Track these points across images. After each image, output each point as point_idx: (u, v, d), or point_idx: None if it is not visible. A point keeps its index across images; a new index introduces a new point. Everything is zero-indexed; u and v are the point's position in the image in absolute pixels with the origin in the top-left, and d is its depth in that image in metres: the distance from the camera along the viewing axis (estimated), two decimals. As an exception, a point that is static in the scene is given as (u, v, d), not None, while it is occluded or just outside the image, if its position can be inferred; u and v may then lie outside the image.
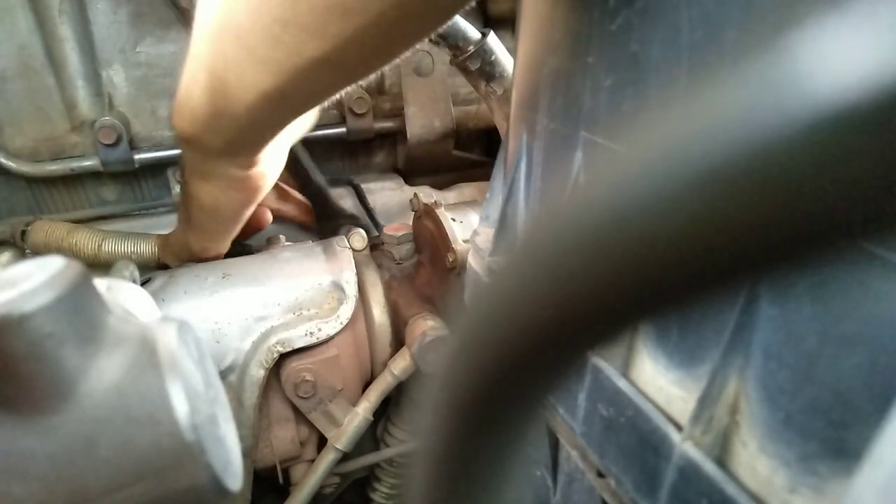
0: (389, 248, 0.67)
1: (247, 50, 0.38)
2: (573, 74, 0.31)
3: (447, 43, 0.57)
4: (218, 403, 0.35)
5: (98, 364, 0.30)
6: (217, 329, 0.55)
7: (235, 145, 0.48)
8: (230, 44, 0.39)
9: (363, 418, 0.60)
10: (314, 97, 0.44)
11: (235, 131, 0.45)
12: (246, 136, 0.47)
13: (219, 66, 0.41)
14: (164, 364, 0.31)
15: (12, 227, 0.68)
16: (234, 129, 0.45)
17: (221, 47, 0.40)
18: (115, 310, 0.32)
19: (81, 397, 0.29)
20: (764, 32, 0.08)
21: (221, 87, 0.41)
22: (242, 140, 0.48)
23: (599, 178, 0.10)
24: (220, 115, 0.44)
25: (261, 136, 0.48)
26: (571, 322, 0.11)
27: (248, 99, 0.41)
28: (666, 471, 0.23)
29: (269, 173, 0.55)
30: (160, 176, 0.79)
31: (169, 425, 0.29)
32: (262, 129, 0.47)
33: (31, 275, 0.28)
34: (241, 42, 0.38)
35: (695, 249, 0.09)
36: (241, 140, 0.48)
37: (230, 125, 0.45)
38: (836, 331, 0.17)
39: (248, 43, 0.37)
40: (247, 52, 0.38)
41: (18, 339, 0.27)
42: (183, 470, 0.30)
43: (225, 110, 0.43)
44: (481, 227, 0.43)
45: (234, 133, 0.46)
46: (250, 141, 0.49)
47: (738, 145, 0.08)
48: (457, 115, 0.84)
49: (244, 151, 0.50)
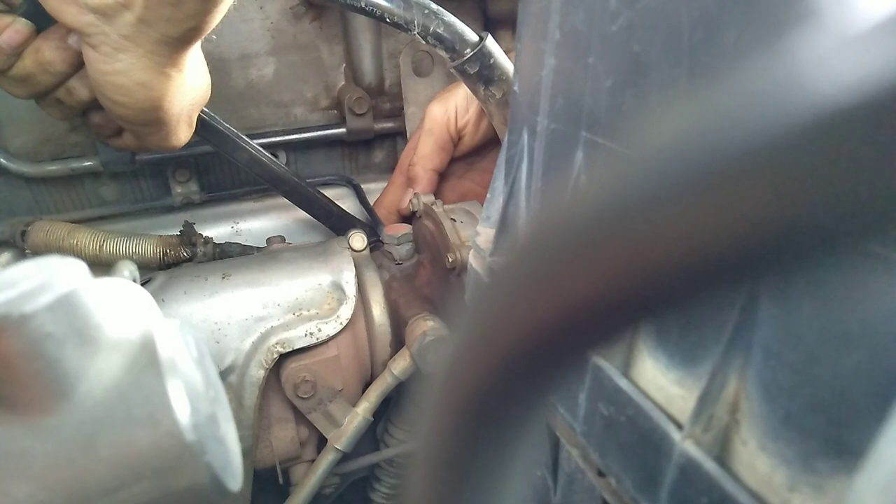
0: (389, 249, 0.67)
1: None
2: (574, 75, 0.31)
3: (444, 46, 0.55)
4: (218, 403, 0.35)
5: (98, 364, 0.30)
6: (217, 329, 0.55)
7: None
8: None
9: (363, 418, 0.60)
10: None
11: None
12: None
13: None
14: (164, 364, 0.31)
15: (12, 227, 0.68)
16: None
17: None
18: (115, 310, 0.32)
19: (81, 397, 0.29)
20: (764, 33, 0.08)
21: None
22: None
23: (600, 178, 0.10)
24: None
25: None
26: (572, 322, 0.11)
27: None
28: (666, 469, 0.23)
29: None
30: (160, 176, 0.79)
31: (169, 425, 0.29)
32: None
33: (31, 275, 0.28)
34: None
35: (695, 250, 0.09)
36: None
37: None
38: (836, 329, 0.17)
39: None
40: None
41: (18, 339, 0.27)
42: (183, 470, 0.30)
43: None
44: (482, 228, 0.43)
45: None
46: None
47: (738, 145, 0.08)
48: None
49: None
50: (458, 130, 0.71)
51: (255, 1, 0.76)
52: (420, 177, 0.72)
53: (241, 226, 0.79)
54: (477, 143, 0.73)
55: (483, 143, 0.73)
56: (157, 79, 0.48)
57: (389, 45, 0.83)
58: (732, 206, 0.08)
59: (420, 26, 0.54)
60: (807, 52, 0.08)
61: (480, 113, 0.69)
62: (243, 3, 0.76)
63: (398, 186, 0.76)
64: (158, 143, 0.56)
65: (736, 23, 0.20)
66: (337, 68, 0.83)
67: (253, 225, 0.79)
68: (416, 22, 0.54)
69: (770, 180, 0.08)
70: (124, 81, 0.47)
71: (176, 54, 0.48)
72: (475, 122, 0.71)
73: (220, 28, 0.76)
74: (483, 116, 0.69)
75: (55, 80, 0.51)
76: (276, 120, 0.83)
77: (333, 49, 0.82)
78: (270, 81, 0.81)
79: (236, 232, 0.78)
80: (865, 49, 0.07)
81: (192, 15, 0.45)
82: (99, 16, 0.44)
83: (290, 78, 0.82)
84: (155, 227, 0.75)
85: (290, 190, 0.70)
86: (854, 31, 0.07)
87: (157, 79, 0.48)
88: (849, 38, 0.07)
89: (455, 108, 0.70)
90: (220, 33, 0.77)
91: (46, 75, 0.50)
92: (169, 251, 0.67)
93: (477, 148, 0.74)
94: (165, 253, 0.67)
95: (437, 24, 0.54)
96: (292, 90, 0.82)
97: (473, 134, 0.72)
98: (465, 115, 0.70)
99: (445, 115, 0.70)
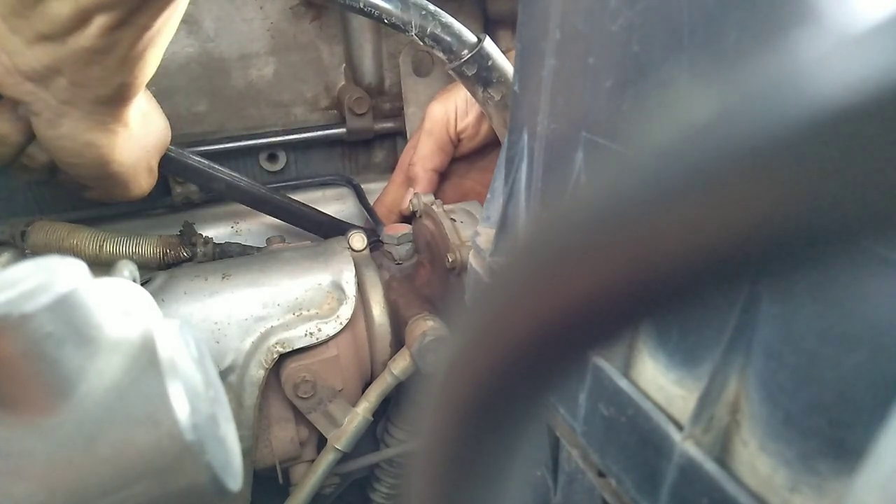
0: (389, 249, 0.67)
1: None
2: (574, 75, 0.31)
3: (441, 47, 0.55)
4: (218, 403, 0.35)
5: (98, 364, 0.30)
6: (217, 329, 0.55)
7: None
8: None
9: (363, 418, 0.60)
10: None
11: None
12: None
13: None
14: (164, 364, 0.31)
15: (12, 227, 0.68)
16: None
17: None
18: (115, 310, 0.32)
19: (81, 397, 0.29)
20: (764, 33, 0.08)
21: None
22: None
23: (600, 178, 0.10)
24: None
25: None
26: (572, 322, 0.11)
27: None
28: (667, 470, 0.23)
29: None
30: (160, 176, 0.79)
31: (169, 425, 0.29)
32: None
33: (31, 275, 0.28)
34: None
35: (696, 250, 0.09)
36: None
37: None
38: (837, 330, 0.17)
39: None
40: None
41: (18, 339, 0.27)
42: (183, 470, 0.30)
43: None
44: (482, 228, 0.43)
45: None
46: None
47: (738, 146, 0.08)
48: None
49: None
50: (458, 133, 0.71)
51: (255, 1, 0.76)
52: (420, 177, 0.72)
53: (241, 226, 0.78)
54: (477, 145, 0.73)
55: (484, 144, 0.73)
56: (103, 136, 0.50)
57: (389, 45, 0.83)
58: (733, 207, 0.08)
59: (417, 27, 0.54)
60: (807, 52, 0.08)
61: (480, 115, 0.69)
62: (243, 2, 0.76)
63: (399, 186, 0.76)
64: (122, 195, 0.58)
65: (736, 23, 0.20)
66: (337, 68, 0.83)
67: (253, 225, 0.79)
68: (413, 23, 0.53)
69: (770, 180, 0.08)
70: (71, 144, 0.49)
71: (116, 111, 0.49)
72: (475, 125, 0.71)
73: (220, 28, 0.77)
74: (483, 118, 0.69)
75: (14, 151, 0.52)
76: (276, 120, 0.83)
77: (333, 49, 0.82)
78: (270, 81, 0.81)
79: (236, 232, 0.78)
80: (865, 49, 0.07)
81: (119, 72, 0.46)
82: (35, 83, 0.45)
83: (290, 78, 0.81)
84: (155, 227, 0.75)
85: (275, 208, 0.71)
86: (854, 31, 0.07)
87: (103, 136, 0.50)
88: (849, 38, 0.07)
89: (455, 108, 0.70)
90: (220, 33, 0.77)
91: (4, 147, 0.51)
92: (169, 251, 0.67)
93: (478, 148, 0.74)
94: (165, 253, 0.67)
95: (435, 25, 0.54)
96: (292, 90, 0.82)
97: (473, 136, 0.72)
98: (465, 118, 0.70)
99: (445, 116, 0.70)
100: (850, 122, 0.07)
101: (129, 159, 0.54)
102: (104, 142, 0.50)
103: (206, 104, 0.80)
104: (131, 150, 0.53)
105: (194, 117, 0.80)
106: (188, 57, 0.77)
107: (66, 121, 0.47)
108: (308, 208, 0.72)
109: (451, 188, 0.78)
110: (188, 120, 0.80)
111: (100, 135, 0.49)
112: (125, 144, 0.52)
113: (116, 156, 0.52)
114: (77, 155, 0.50)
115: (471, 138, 0.72)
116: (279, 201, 0.70)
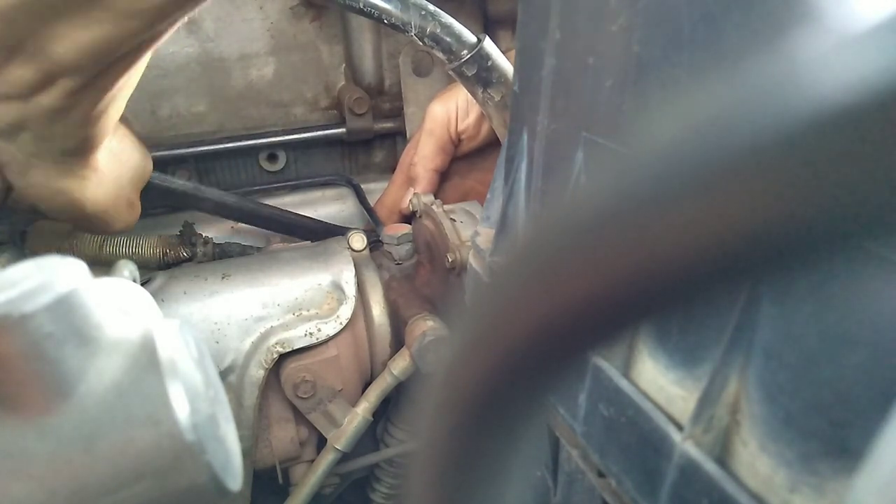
0: (389, 249, 0.67)
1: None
2: (574, 75, 0.31)
3: (441, 47, 0.54)
4: (218, 403, 0.35)
5: (98, 364, 0.30)
6: (217, 329, 0.55)
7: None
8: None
9: (363, 418, 0.60)
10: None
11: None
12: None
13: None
14: (164, 364, 0.31)
15: (12, 227, 0.68)
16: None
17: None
18: (115, 310, 0.32)
19: (81, 397, 0.29)
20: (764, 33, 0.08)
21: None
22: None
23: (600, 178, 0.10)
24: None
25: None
26: (572, 322, 0.11)
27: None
28: (667, 470, 0.23)
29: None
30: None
31: (169, 425, 0.29)
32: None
33: (31, 275, 0.28)
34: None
35: (696, 250, 0.09)
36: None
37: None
38: (837, 330, 0.17)
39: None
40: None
41: (18, 339, 0.27)
42: (183, 470, 0.30)
43: None
44: (482, 228, 0.43)
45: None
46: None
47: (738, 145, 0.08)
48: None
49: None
50: (459, 133, 0.71)
51: (255, 1, 0.76)
52: (420, 177, 0.72)
53: (241, 226, 0.79)
54: (477, 145, 0.73)
55: (484, 144, 0.73)
56: (73, 183, 0.50)
57: (389, 45, 0.83)
58: (732, 207, 0.08)
59: (417, 27, 0.53)
60: (807, 51, 0.08)
61: (481, 115, 0.69)
62: (243, 2, 0.76)
63: (399, 186, 0.76)
64: (105, 230, 0.58)
65: (736, 23, 0.20)
66: (337, 68, 0.83)
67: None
68: (413, 23, 0.53)
69: (770, 180, 0.08)
70: (43, 192, 0.49)
71: (83, 159, 0.50)
72: (476, 125, 0.71)
73: (220, 28, 0.77)
74: (484, 118, 0.69)
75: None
76: (275, 120, 0.83)
77: (333, 49, 0.82)
78: (270, 81, 0.81)
79: (236, 232, 0.78)
80: (865, 49, 0.07)
81: (82, 128, 0.46)
82: (1, 139, 0.45)
83: (290, 78, 0.81)
84: (155, 227, 0.75)
85: (267, 221, 0.71)
86: (854, 31, 0.07)
87: (73, 183, 0.50)
88: (849, 38, 0.07)
89: (456, 108, 0.70)
90: (219, 33, 0.77)
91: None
92: (169, 251, 0.67)
93: (479, 148, 0.74)
94: (165, 253, 0.67)
95: (434, 25, 0.54)
96: (292, 90, 0.82)
97: (474, 137, 0.72)
98: (466, 118, 0.70)
99: (446, 116, 0.70)
100: (850, 122, 0.07)
101: (105, 200, 0.54)
102: (74, 187, 0.50)
103: (205, 104, 0.80)
104: (105, 191, 0.54)
105: (194, 117, 0.80)
106: (188, 57, 0.77)
107: (35, 171, 0.48)
108: (301, 217, 0.72)
109: (452, 188, 0.78)
110: (188, 120, 0.80)
111: (69, 182, 0.50)
112: (97, 188, 0.53)
113: (89, 199, 0.52)
114: (50, 200, 0.51)
115: (471, 138, 0.72)
116: (270, 213, 0.70)
